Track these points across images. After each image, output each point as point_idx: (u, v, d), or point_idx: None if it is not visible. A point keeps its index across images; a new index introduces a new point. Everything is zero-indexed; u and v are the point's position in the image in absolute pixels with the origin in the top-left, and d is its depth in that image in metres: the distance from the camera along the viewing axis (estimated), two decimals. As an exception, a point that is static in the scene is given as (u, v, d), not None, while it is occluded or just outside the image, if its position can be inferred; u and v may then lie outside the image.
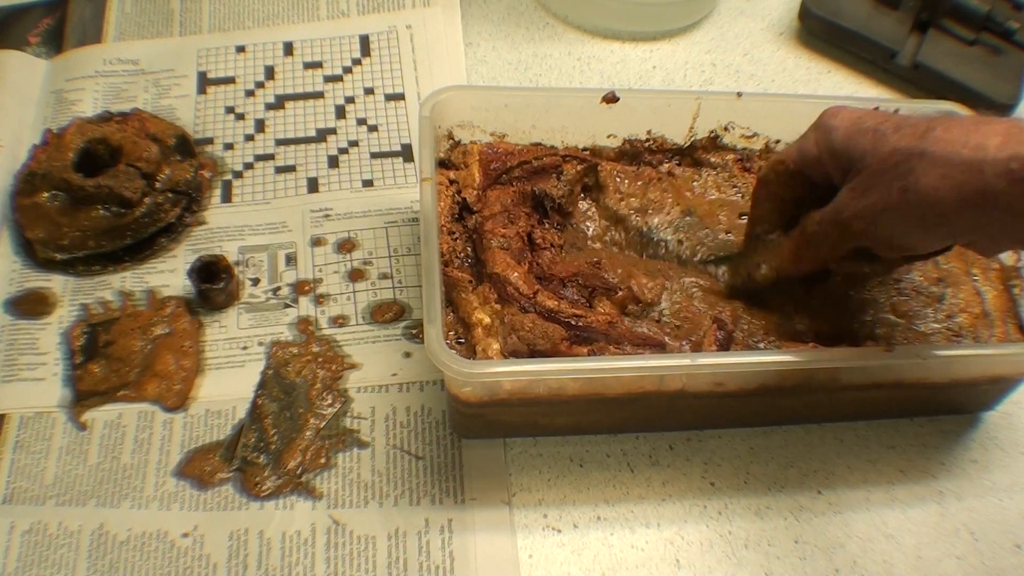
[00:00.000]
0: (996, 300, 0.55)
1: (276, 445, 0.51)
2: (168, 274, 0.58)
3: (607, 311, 0.50)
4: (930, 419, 0.56)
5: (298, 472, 0.50)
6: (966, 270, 0.56)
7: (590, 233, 0.55)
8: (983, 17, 0.71)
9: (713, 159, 0.60)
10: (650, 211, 0.56)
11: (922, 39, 0.72)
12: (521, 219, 0.54)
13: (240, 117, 0.66)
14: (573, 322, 0.49)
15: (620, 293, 0.51)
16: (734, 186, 0.59)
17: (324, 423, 0.52)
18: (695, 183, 0.59)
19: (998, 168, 0.39)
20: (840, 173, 0.46)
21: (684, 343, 0.51)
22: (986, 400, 0.56)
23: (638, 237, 0.56)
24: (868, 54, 0.73)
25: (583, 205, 0.57)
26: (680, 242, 0.55)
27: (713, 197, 0.58)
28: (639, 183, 0.58)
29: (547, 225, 0.55)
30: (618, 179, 0.58)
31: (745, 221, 0.55)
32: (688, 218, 0.56)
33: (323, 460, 0.51)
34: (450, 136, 0.58)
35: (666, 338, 0.51)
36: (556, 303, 0.50)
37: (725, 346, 0.50)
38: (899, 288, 0.54)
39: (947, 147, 0.40)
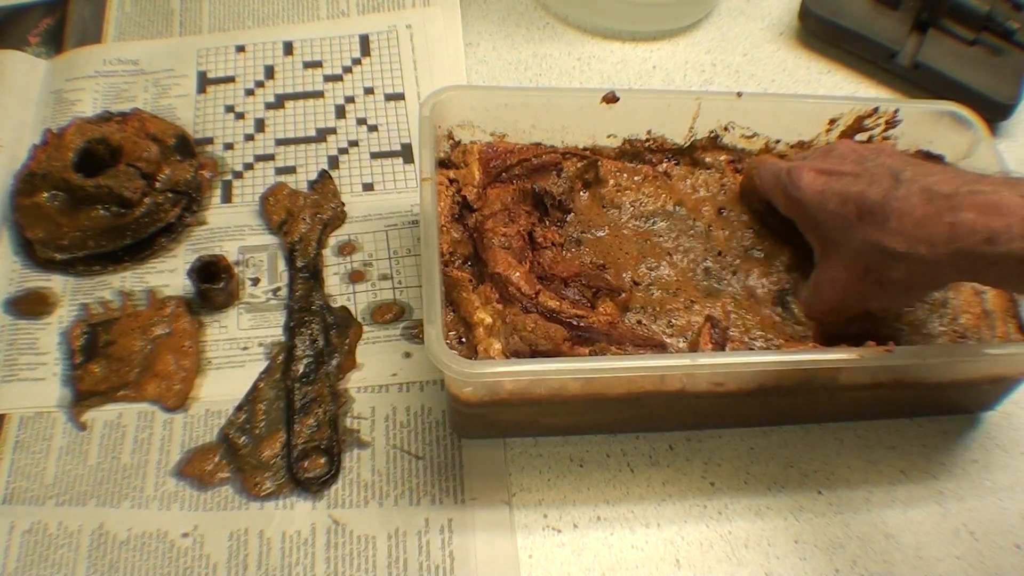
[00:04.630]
0: (995, 299, 0.55)
1: (260, 431, 0.51)
2: (168, 274, 0.58)
3: (608, 312, 0.50)
4: (930, 419, 0.56)
5: (294, 471, 0.50)
6: None
7: (590, 224, 0.56)
8: (983, 17, 0.71)
9: (708, 160, 0.60)
10: (644, 203, 0.57)
11: (922, 39, 0.72)
12: (521, 217, 0.54)
13: (240, 116, 0.66)
14: (575, 322, 0.49)
15: (623, 295, 0.52)
16: (721, 185, 0.59)
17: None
18: (688, 180, 0.59)
19: (951, 263, 0.42)
20: (808, 231, 0.51)
21: (681, 340, 0.51)
22: (986, 400, 0.56)
23: (633, 223, 0.56)
24: (868, 54, 0.73)
25: (583, 199, 0.57)
26: (670, 229, 0.56)
27: (701, 194, 0.58)
28: (636, 178, 0.58)
29: (547, 223, 0.55)
30: (617, 175, 0.58)
31: (725, 216, 0.57)
32: (678, 208, 0.57)
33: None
34: (450, 136, 0.58)
35: (666, 339, 0.51)
36: (558, 303, 0.50)
37: (721, 344, 0.50)
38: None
39: (905, 243, 0.43)
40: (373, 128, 0.66)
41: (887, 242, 0.44)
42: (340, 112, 0.67)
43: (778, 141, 0.60)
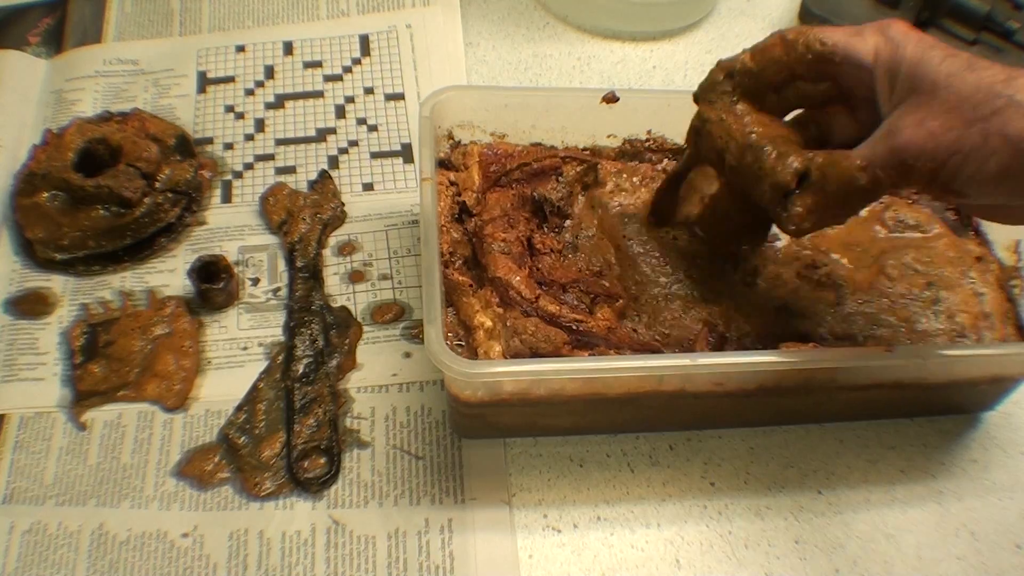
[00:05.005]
0: (993, 301, 0.55)
1: (260, 431, 0.51)
2: (168, 274, 0.58)
3: (606, 317, 0.50)
4: (930, 419, 0.56)
5: (294, 471, 0.50)
6: (963, 271, 0.56)
7: (590, 230, 0.56)
8: (983, 17, 0.71)
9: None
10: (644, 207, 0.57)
11: (922, 39, 0.72)
12: (521, 223, 0.54)
13: (240, 116, 0.66)
14: (574, 327, 0.49)
15: (620, 302, 0.51)
16: None
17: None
18: None
19: None
20: (888, 93, 0.43)
21: (679, 348, 0.51)
22: (986, 400, 0.56)
23: (631, 228, 0.56)
24: (868, 54, 0.73)
25: (582, 204, 0.57)
26: (668, 234, 0.56)
27: None
28: (636, 179, 0.58)
29: (546, 229, 0.55)
30: (617, 177, 0.58)
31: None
32: None
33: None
34: (450, 136, 0.58)
35: (663, 345, 0.51)
36: (557, 308, 0.50)
37: (718, 349, 0.50)
38: (892, 300, 0.54)
39: None
40: (373, 128, 0.66)
41: (1015, 91, 0.38)
42: (340, 112, 0.67)
43: (778, 141, 0.60)
